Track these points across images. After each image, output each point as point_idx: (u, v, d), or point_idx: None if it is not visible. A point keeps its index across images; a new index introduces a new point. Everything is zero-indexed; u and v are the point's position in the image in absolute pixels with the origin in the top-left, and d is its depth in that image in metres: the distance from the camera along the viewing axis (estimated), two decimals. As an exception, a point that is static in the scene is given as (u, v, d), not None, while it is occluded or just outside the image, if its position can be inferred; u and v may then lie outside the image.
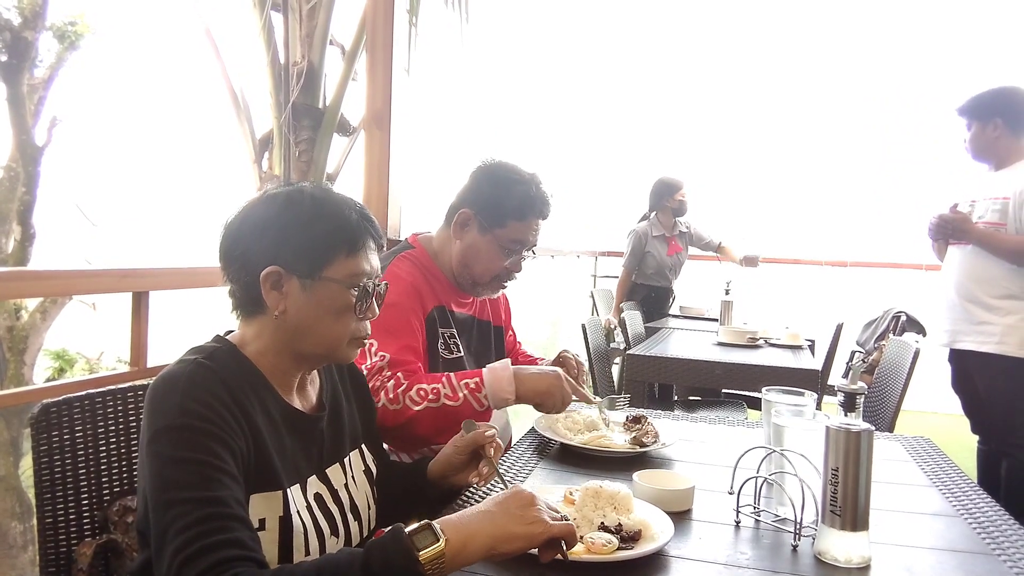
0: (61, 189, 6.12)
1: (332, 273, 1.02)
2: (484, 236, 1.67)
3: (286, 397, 1.05)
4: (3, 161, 5.25)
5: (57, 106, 5.40)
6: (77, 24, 5.58)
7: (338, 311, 1.03)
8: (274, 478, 0.97)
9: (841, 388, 1.05)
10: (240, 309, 1.05)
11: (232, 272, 1.03)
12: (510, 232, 1.67)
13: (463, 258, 1.69)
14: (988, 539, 1.16)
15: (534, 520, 0.87)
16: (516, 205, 1.66)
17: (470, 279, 1.71)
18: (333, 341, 1.05)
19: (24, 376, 5.04)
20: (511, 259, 1.70)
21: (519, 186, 1.67)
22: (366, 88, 2.75)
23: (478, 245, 1.67)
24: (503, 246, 1.68)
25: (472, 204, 1.68)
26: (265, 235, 1.01)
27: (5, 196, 5.19)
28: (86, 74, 5.85)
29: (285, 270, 1.00)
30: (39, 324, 5.15)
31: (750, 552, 1.08)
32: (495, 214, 1.66)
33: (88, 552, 1.07)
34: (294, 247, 1.00)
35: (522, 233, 1.68)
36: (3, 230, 5.20)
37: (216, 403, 0.91)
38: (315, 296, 1.02)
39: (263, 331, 1.03)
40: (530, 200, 1.67)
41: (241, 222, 1.03)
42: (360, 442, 1.21)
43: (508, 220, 1.66)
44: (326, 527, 1.05)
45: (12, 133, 5.18)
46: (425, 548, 0.81)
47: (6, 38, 4.96)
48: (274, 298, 1.00)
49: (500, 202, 1.66)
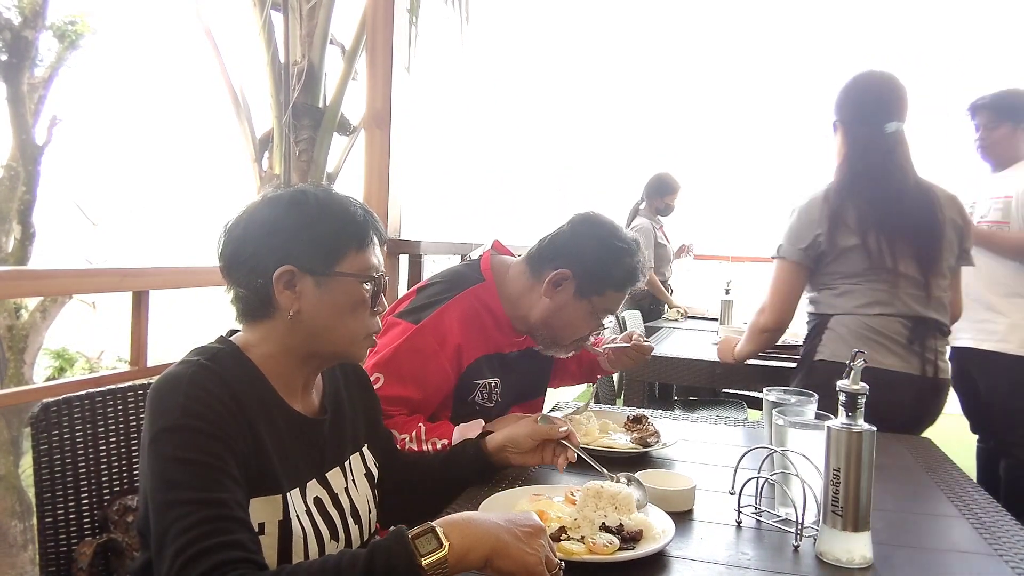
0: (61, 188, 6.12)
1: (345, 268, 1.03)
2: (579, 302, 1.57)
3: (289, 401, 1.05)
4: (3, 160, 5.25)
5: (57, 105, 5.40)
6: (77, 23, 5.58)
7: (353, 306, 1.04)
8: (274, 482, 0.97)
9: (842, 388, 1.04)
10: (246, 315, 1.04)
11: (240, 276, 1.02)
12: (607, 301, 1.59)
13: (549, 318, 1.59)
14: (989, 539, 1.16)
15: (534, 552, 0.86)
16: (621, 277, 1.57)
17: (550, 339, 1.63)
18: (349, 338, 1.05)
19: (24, 375, 5.05)
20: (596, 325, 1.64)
21: (627, 257, 1.56)
22: (366, 88, 2.75)
23: (570, 309, 1.57)
24: (596, 314, 1.60)
25: (573, 265, 1.56)
26: (274, 236, 1.01)
27: (5, 195, 5.19)
28: (86, 74, 5.85)
29: (299, 269, 1.00)
30: (39, 323, 5.14)
31: (751, 552, 1.08)
32: (597, 283, 1.56)
33: (88, 551, 1.07)
34: (305, 245, 1.01)
35: (615, 303, 1.62)
36: (3, 229, 5.20)
37: (218, 405, 0.91)
38: (330, 293, 1.02)
39: (270, 335, 1.03)
40: (634, 273, 1.58)
41: (246, 225, 1.02)
42: (362, 444, 1.21)
43: (608, 290, 1.57)
44: (326, 531, 1.04)
45: (12, 132, 5.18)
46: (428, 553, 0.81)
47: (6, 37, 4.96)
48: (288, 298, 1.00)
49: (607, 270, 1.56)
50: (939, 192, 2.02)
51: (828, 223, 1.98)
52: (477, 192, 7.05)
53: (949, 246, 2.00)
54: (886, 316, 1.95)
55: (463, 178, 6.23)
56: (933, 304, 1.96)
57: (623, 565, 1.01)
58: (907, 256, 1.95)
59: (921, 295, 1.95)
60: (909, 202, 1.98)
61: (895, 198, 1.98)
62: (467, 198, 6.28)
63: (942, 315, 1.98)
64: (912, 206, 1.98)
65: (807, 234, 2.01)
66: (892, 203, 1.98)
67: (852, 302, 1.99)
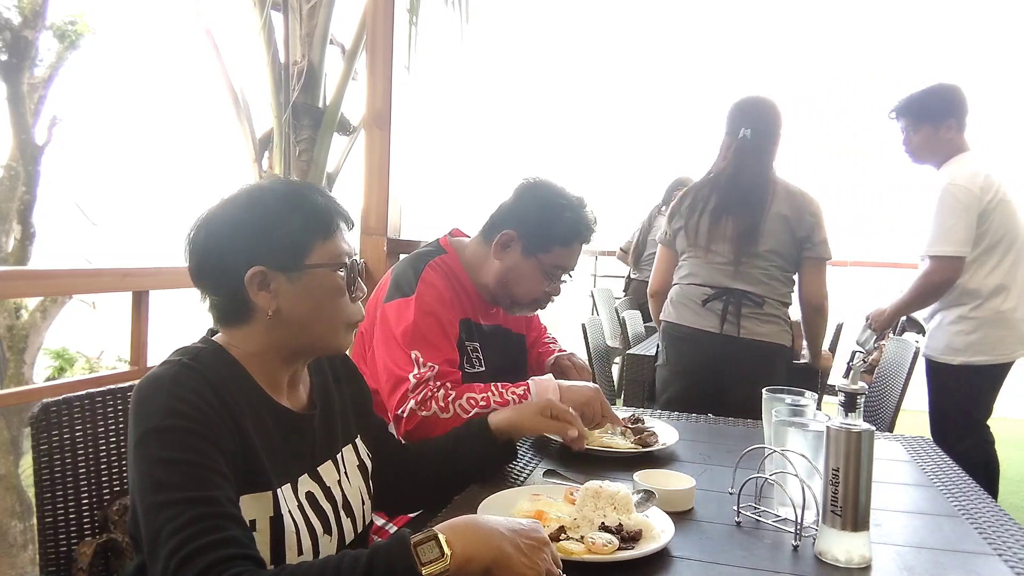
0: (61, 188, 6.12)
1: (315, 260, 1.01)
2: (527, 260, 1.64)
3: (275, 397, 1.04)
4: (3, 160, 5.25)
5: (57, 105, 5.40)
6: (77, 23, 5.57)
7: (331, 295, 1.03)
8: (263, 479, 0.96)
9: (842, 388, 1.04)
10: (224, 321, 1.03)
11: (210, 285, 1.01)
12: (554, 258, 1.64)
13: (503, 279, 1.66)
14: (988, 539, 1.16)
15: (535, 566, 0.86)
16: (563, 232, 1.63)
17: (509, 299, 1.69)
18: (331, 329, 1.04)
19: (24, 375, 5.05)
20: (551, 284, 1.69)
21: (567, 212, 1.63)
22: (366, 88, 2.74)
23: (520, 268, 1.64)
24: (545, 271, 1.65)
25: (517, 226, 1.64)
26: (238, 238, 0.99)
27: (5, 195, 5.19)
28: (86, 74, 5.85)
29: (269, 268, 0.99)
30: (39, 323, 5.14)
31: (751, 552, 1.08)
32: (540, 239, 1.63)
33: (88, 551, 1.07)
34: (271, 243, 0.99)
35: (565, 259, 1.66)
36: (3, 229, 5.20)
37: (202, 404, 0.90)
38: (305, 287, 1.01)
39: (251, 336, 1.02)
40: (577, 227, 1.63)
41: (207, 231, 1.00)
42: (353, 437, 1.20)
43: (553, 246, 1.63)
44: (319, 525, 1.04)
45: (12, 132, 5.18)
46: (429, 562, 0.81)
47: (6, 37, 4.96)
48: (264, 299, 0.99)
49: (547, 228, 1.62)
50: (781, 189, 2.37)
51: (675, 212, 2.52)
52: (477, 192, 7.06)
53: (772, 234, 2.35)
54: (696, 285, 2.42)
55: (463, 178, 6.22)
56: (741, 277, 2.36)
57: (623, 565, 1.01)
58: (723, 238, 2.37)
59: (730, 269, 2.37)
60: (738, 195, 2.39)
61: (726, 190, 2.41)
62: (467, 198, 6.27)
63: (754, 287, 2.35)
64: (738, 198, 2.38)
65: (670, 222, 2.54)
66: (723, 194, 2.41)
67: (680, 274, 2.49)
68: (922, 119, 2.61)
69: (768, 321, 2.37)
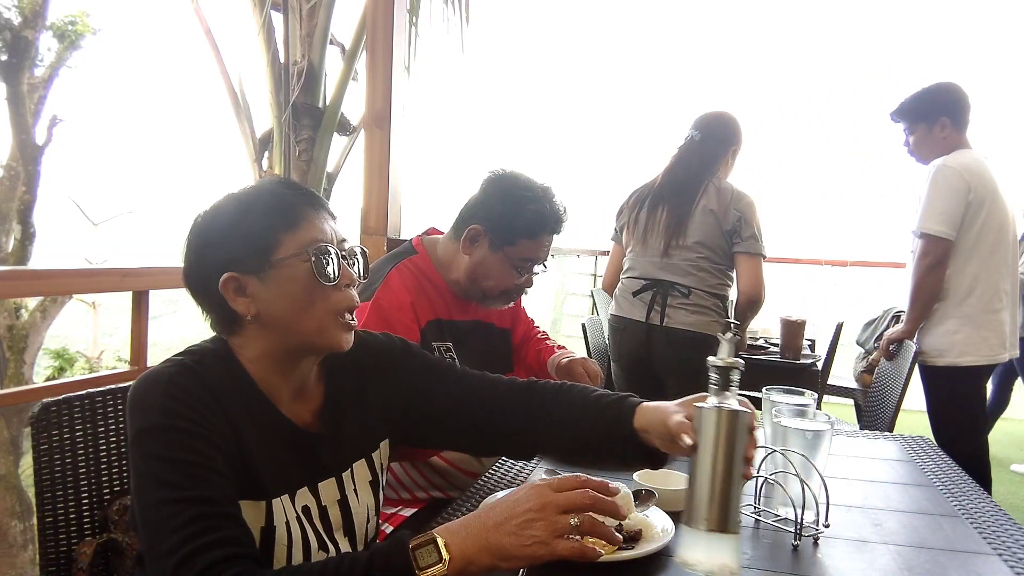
0: (61, 188, 6.12)
1: (283, 253, 0.97)
2: (495, 253, 1.63)
3: (279, 406, 1.01)
4: (3, 160, 5.25)
5: (57, 105, 5.41)
6: (77, 23, 5.58)
7: (306, 288, 0.98)
8: (258, 487, 0.94)
9: (712, 363, 0.91)
10: (220, 330, 1.02)
11: (202, 299, 1.01)
12: (521, 251, 1.64)
13: (473, 274, 1.65)
14: (988, 539, 1.16)
15: (533, 541, 0.82)
16: (528, 224, 1.62)
17: (480, 293, 1.68)
18: (317, 324, 0.99)
19: (24, 375, 5.05)
20: (522, 276, 1.68)
21: (531, 204, 1.62)
22: (366, 88, 2.74)
23: (488, 262, 1.64)
24: (514, 264, 1.65)
25: (482, 220, 1.64)
26: (208, 248, 0.98)
27: (5, 195, 5.19)
28: (86, 74, 5.86)
29: (240, 272, 0.97)
30: (39, 323, 5.15)
31: (750, 552, 1.08)
32: (506, 232, 1.62)
33: (88, 551, 1.07)
34: (236, 247, 0.97)
35: (533, 251, 1.65)
36: (3, 229, 5.20)
37: (198, 404, 0.89)
38: (277, 284, 0.97)
39: (247, 342, 1.00)
40: (542, 219, 1.62)
41: (188, 245, 1.00)
42: (371, 449, 1.14)
43: (519, 239, 1.63)
44: (314, 541, 1.01)
45: (12, 132, 5.18)
46: (427, 567, 0.80)
47: (6, 37, 4.96)
48: (242, 304, 0.97)
49: (511, 220, 1.62)
50: (712, 187, 2.50)
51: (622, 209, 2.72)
52: (477, 192, 7.02)
53: (699, 227, 2.48)
54: (632, 278, 2.61)
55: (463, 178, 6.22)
56: (670, 269, 2.51)
57: (623, 565, 1.01)
58: (656, 230, 2.54)
59: (659, 262, 2.53)
60: (672, 187, 2.56)
61: (662, 182, 2.60)
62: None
63: (681, 278, 2.49)
64: (672, 191, 2.56)
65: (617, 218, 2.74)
66: (659, 187, 2.59)
67: (624, 268, 2.67)
68: (917, 119, 2.65)
69: (696, 312, 2.48)
